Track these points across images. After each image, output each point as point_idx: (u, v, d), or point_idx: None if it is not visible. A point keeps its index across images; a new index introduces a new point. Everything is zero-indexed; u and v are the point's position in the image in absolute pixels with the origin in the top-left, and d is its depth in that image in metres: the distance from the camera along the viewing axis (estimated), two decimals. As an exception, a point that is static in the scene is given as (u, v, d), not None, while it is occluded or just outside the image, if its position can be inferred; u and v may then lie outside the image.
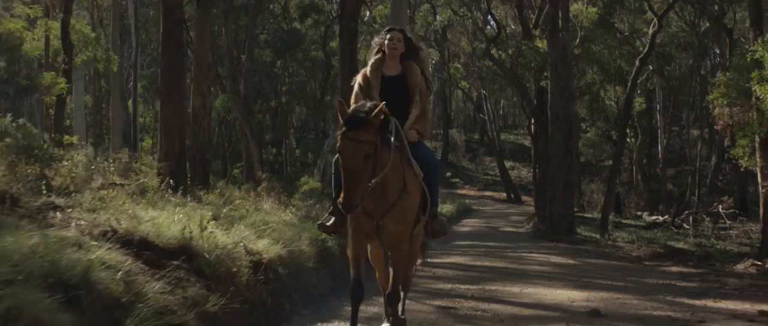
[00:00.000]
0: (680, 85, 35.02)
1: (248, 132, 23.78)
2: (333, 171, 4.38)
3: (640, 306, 6.17)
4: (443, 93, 48.69)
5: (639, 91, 32.83)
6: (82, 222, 4.50)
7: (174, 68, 10.72)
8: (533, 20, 24.04)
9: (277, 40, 30.71)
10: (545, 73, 19.56)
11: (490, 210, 31.70)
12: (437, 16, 35.34)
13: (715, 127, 19.87)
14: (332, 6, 31.21)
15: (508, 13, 31.94)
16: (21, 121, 9.84)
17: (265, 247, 5.43)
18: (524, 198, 36.81)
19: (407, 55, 4.52)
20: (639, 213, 29.65)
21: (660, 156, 35.62)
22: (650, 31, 22.02)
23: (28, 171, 5.92)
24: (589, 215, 26.33)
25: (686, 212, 26.45)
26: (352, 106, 4.08)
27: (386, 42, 4.46)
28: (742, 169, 19.16)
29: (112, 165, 9.75)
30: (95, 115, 38.31)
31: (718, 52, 33.74)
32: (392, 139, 4.02)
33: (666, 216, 26.56)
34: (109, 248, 3.67)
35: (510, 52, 24.44)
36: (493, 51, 25.29)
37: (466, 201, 33.26)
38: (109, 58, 16.95)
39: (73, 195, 5.59)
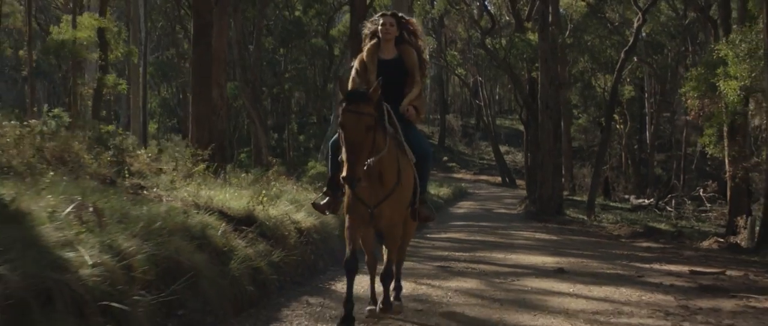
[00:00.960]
0: (670, 73, 35.94)
1: (256, 118, 24.99)
2: (330, 152, 4.55)
3: (598, 267, 7.70)
4: (440, 78, 49.35)
5: (628, 79, 33.97)
6: (169, 198, 5.98)
7: (204, 65, 12.12)
8: (526, 12, 25.28)
9: (281, 29, 31.86)
10: (536, 64, 20.43)
11: (484, 193, 32.26)
12: (435, 3, 36.42)
13: (688, 116, 21.26)
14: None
15: (503, 4, 33.16)
16: (56, 110, 11.23)
17: (303, 218, 6.99)
18: (519, 181, 37.19)
19: (402, 39, 4.67)
20: (627, 196, 29.97)
21: (648, 141, 36.78)
22: (635, 25, 23.21)
23: (108, 158, 7.35)
24: (579, 198, 26.71)
25: (669, 195, 27.80)
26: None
27: (379, 27, 4.62)
28: (708, 156, 20.42)
29: (145, 151, 11.17)
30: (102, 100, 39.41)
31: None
32: (386, 123, 4.14)
33: (651, 200, 27.21)
34: (209, 215, 5.18)
35: (503, 42, 25.54)
36: (488, 41, 26.41)
37: (462, 184, 33.78)
38: (131, 52, 18.30)
39: (148, 177, 7.05)
